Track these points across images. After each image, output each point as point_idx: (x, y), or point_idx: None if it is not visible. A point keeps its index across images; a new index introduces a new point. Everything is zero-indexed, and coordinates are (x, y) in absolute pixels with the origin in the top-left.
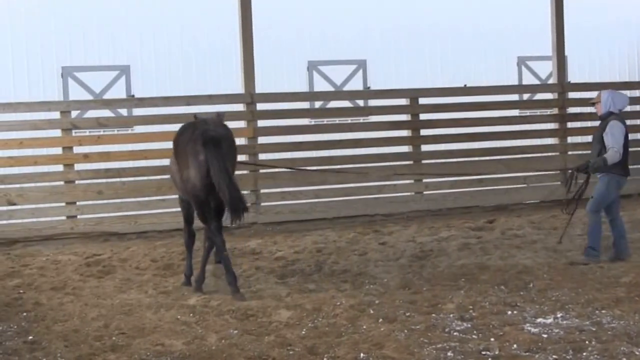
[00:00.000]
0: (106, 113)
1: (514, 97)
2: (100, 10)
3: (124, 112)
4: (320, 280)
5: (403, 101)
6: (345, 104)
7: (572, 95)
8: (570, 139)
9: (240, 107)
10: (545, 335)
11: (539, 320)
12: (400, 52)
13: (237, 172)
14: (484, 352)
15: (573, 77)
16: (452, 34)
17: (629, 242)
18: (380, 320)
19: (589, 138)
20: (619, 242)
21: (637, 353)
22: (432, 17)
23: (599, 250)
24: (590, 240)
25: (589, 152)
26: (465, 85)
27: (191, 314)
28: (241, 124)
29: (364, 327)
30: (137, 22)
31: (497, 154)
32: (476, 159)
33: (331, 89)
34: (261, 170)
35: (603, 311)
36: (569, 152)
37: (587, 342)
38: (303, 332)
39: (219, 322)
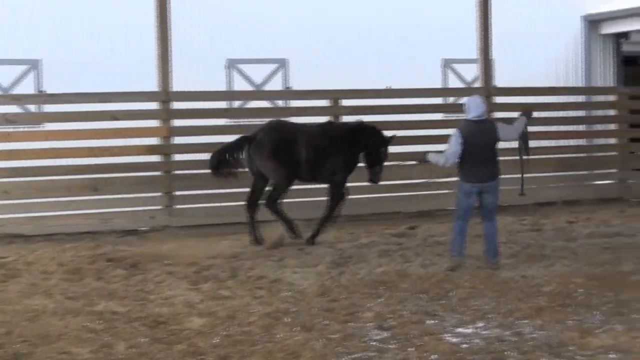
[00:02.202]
0: (14, 109)
1: (439, 100)
2: None
3: (33, 108)
4: (235, 287)
5: (324, 102)
6: (265, 104)
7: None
8: None
9: (154, 105)
10: (465, 346)
11: (459, 330)
12: (322, 52)
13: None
14: None
15: (500, 81)
16: (376, 33)
17: (498, 247)
18: (297, 328)
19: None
20: (486, 248)
21: None
22: (357, 16)
23: (460, 255)
24: (450, 245)
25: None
26: (388, 86)
27: (99, 321)
28: (155, 122)
29: (279, 335)
30: None
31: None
32: (399, 163)
33: (251, 88)
34: (175, 172)
35: (525, 321)
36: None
37: (507, 352)
38: (216, 341)
39: (128, 330)
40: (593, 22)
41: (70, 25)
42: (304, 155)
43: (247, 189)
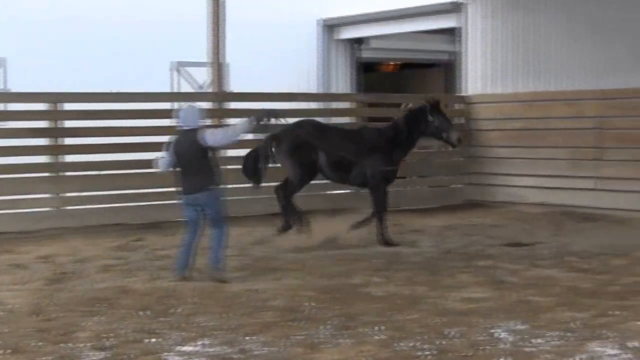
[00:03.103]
0: None
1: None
2: None
3: None
4: None
5: (44, 106)
6: None
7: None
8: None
9: None
10: None
11: (181, 348)
12: (46, 51)
13: None
14: None
15: (238, 85)
16: (106, 33)
17: (221, 257)
18: (7, 351)
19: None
20: (209, 258)
21: None
22: (83, 16)
23: (182, 269)
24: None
25: None
26: (114, 90)
27: None
28: None
29: None
30: None
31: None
32: (127, 171)
33: None
34: None
35: (251, 337)
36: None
37: None
38: None
39: None
40: (330, 27)
41: None
42: (323, 158)
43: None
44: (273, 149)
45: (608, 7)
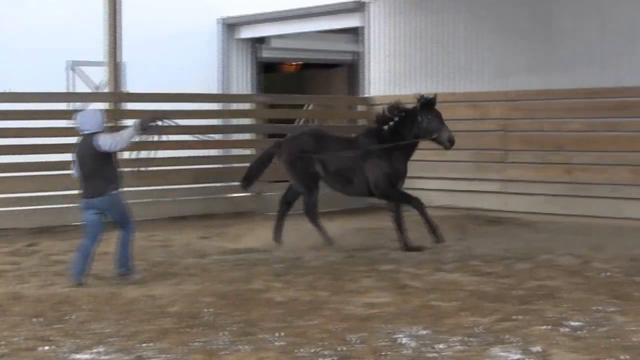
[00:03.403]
0: None
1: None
2: None
3: None
4: None
5: None
6: None
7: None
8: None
9: None
10: None
11: (75, 356)
12: None
13: None
14: None
15: (139, 85)
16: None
17: (129, 258)
18: None
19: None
20: (115, 258)
21: None
22: None
23: (77, 274)
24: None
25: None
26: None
27: None
28: None
29: None
30: None
31: (44, 168)
32: (20, 174)
33: None
34: None
35: (148, 344)
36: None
37: None
38: None
39: None
40: (231, 26)
41: None
42: (321, 169)
43: None
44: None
45: (512, 7)
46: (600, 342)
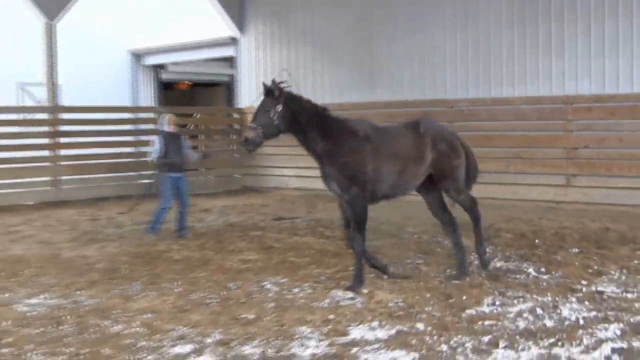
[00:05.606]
0: None
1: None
2: None
3: None
4: None
5: None
6: None
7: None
8: (62, 152)
9: None
10: (31, 313)
11: (27, 300)
12: None
13: None
14: None
15: (74, 101)
16: None
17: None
18: None
19: (79, 151)
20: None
21: (106, 324)
22: None
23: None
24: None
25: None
26: None
27: None
28: None
29: None
30: None
31: None
32: None
33: None
34: None
35: (82, 292)
36: (61, 163)
37: (65, 317)
38: None
39: None
40: (138, 56)
41: None
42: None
43: None
44: None
45: (341, 39)
46: (411, 285)
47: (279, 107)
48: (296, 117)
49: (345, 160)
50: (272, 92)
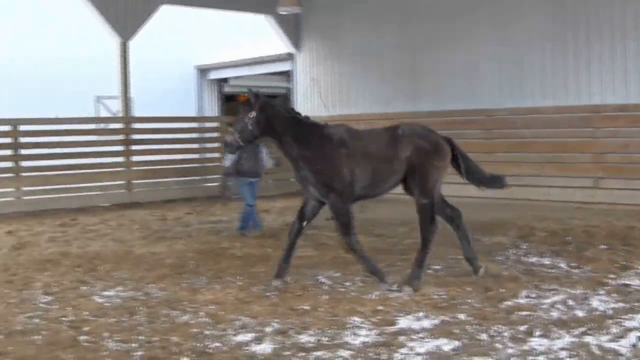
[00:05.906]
0: None
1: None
2: None
3: None
4: None
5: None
6: None
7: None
8: (134, 158)
9: None
10: (108, 304)
11: (104, 293)
12: None
13: None
14: (62, 318)
15: (144, 111)
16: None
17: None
18: None
19: (149, 157)
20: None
21: (174, 314)
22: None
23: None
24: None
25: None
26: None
27: None
28: None
29: None
30: None
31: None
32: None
33: None
34: None
35: (152, 285)
36: (133, 168)
37: (138, 307)
38: None
39: None
40: (203, 70)
41: None
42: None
43: None
44: None
45: (387, 55)
46: (453, 279)
47: (252, 114)
48: (271, 122)
49: (320, 168)
50: (249, 100)
